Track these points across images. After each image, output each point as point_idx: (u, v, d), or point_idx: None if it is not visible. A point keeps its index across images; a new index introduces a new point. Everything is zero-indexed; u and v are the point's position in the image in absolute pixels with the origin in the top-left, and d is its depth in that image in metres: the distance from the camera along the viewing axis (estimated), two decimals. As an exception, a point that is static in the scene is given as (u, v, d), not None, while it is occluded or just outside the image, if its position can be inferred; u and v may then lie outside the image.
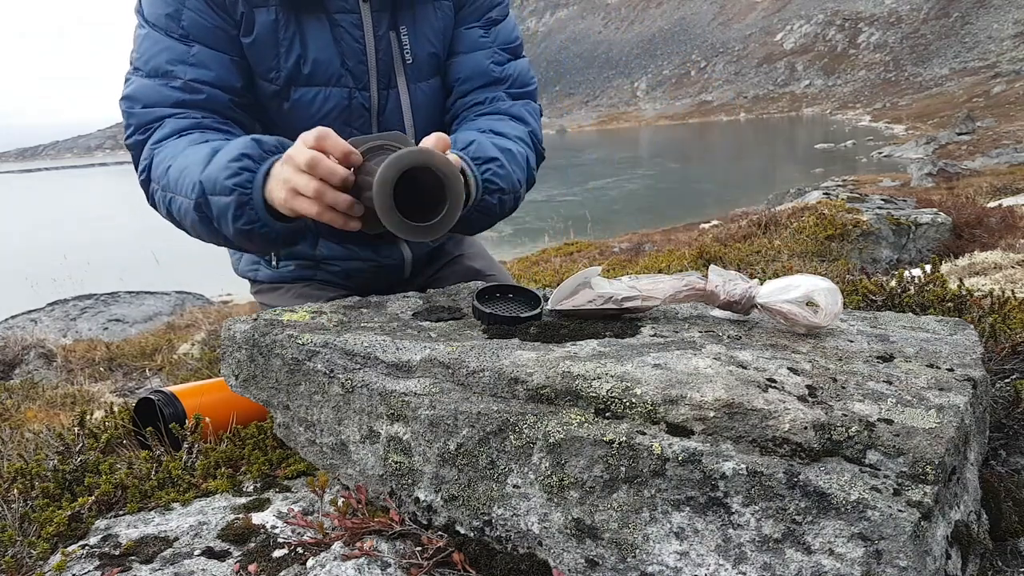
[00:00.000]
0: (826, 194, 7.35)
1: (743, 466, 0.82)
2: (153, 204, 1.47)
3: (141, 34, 1.47)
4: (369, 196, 1.11)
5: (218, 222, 1.28)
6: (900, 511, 0.77)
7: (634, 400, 0.91)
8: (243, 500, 1.22)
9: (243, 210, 1.23)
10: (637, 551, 0.87)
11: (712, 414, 0.87)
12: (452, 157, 1.31)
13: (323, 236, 1.70)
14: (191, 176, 1.30)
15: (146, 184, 1.45)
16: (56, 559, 1.08)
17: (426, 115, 1.65)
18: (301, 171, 1.15)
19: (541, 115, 1.72)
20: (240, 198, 1.22)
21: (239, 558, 1.05)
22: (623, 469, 0.87)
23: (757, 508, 0.82)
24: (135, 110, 1.44)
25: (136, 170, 1.47)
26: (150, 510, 1.21)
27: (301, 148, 1.15)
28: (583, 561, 0.90)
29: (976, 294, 1.77)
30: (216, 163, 1.27)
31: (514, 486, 0.94)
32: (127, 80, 1.48)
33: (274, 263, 1.76)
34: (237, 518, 1.15)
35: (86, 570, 1.04)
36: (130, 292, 10.86)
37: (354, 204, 1.17)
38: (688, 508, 0.85)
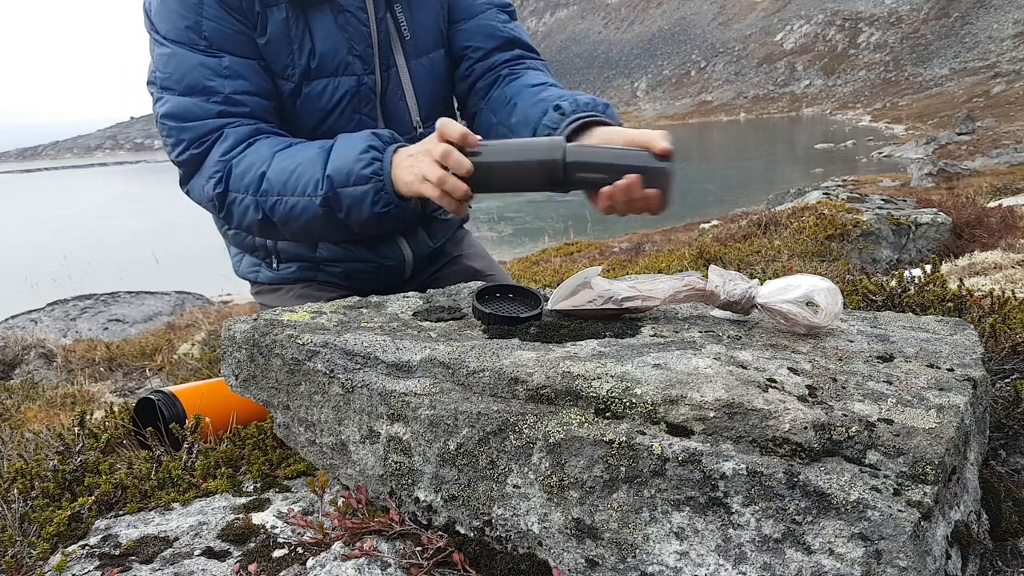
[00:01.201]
0: (826, 194, 7.34)
1: (743, 466, 0.82)
2: (229, 215, 1.46)
3: (164, 53, 1.43)
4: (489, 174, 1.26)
5: (347, 212, 1.37)
6: (900, 511, 0.77)
7: (634, 400, 0.91)
8: (243, 500, 1.22)
9: (380, 195, 1.34)
10: (637, 551, 0.87)
11: (712, 414, 0.87)
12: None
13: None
14: (309, 175, 1.36)
15: (223, 196, 1.44)
16: (56, 559, 1.08)
17: (428, 91, 1.65)
18: (435, 161, 1.25)
19: None
20: (377, 185, 1.33)
21: (239, 558, 1.05)
22: (623, 469, 0.87)
23: (757, 508, 0.82)
24: (184, 124, 1.43)
25: (194, 185, 1.47)
26: (150, 510, 1.21)
27: (437, 142, 1.25)
28: (583, 561, 0.90)
29: (976, 294, 1.77)
30: (343, 157, 1.35)
31: (514, 486, 0.94)
32: (159, 100, 1.45)
33: (275, 265, 1.76)
34: (237, 518, 1.15)
35: (86, 570, 1.04)
36: (130, 292, 10.86)
37: (468, 192, 1.26)
38: (688, 508, 0.85)
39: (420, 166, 1.27)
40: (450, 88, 1.75)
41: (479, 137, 1.25)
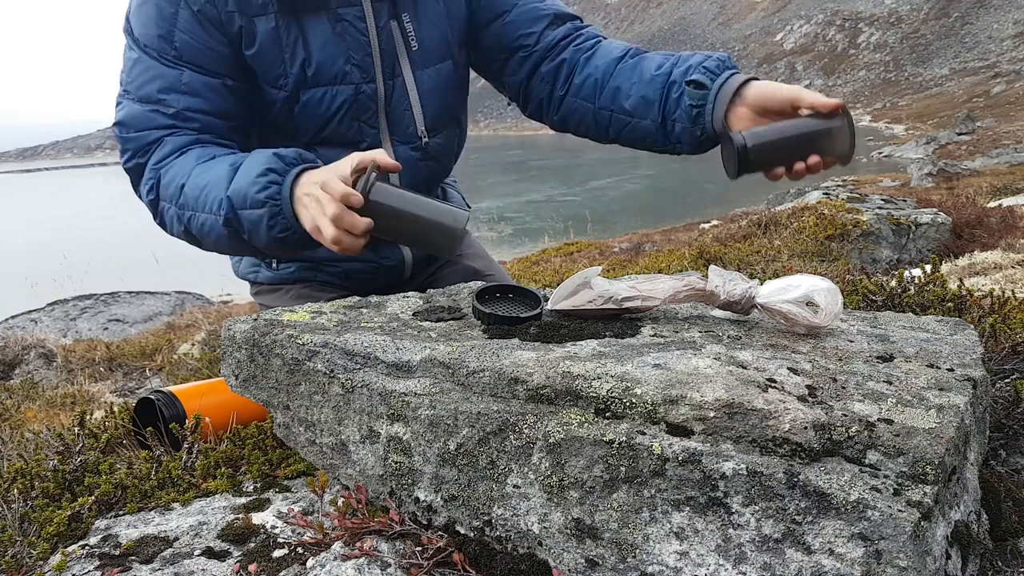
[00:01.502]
0: (826, 194, 7.33)
1: (743, 466, 0.82)
2: (163, 223, 1.47)
3: (132, 57, 1.45)
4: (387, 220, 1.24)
5: (249, 235, 1.33)
6: (900, 511, 0.77)
7: (634, 400, 0.91)
8: (243, 500, 1.22)
9: (276, 220, 1.29)
10: (637, 551, 0.87)
11: (712, 414, 0.87)
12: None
13: None
14: (215, 193, 1.33)
15: (155, 204, 1.45)
16: (56, 559, 1.08)
17: (435, 101, 1.63)
18: (326, 216, 1.21)
19: None
20: (272, 209, 1.29)
21: (239, 558, 1.06)
22: (623, 469, 0.87)
23: (757, 508, 0.82)
24: (130, 135, 1.44)
25: (139, 192, 1.48)
26: (150, 510, 1.21)
27: (329, 200, 1.21)
28: (583, 561, 0.90)
29: (976, 294, 1.77)
30: (243, 179, 1.31)
31: (514, 486, 0.94)
32: (118, 104, 1.47)
33: (275, 265, 1.76)
34: (237, 518, 1.15)
35: (86, 570, 1.04)
36: (130, 292, 10.85)
37: (362, 246, 1.24)
38: (688, 508, 0.85)
39: (315, 215, 1.23)
40: (459, 99, 1.73)
41: (360, 196, 1.21)
